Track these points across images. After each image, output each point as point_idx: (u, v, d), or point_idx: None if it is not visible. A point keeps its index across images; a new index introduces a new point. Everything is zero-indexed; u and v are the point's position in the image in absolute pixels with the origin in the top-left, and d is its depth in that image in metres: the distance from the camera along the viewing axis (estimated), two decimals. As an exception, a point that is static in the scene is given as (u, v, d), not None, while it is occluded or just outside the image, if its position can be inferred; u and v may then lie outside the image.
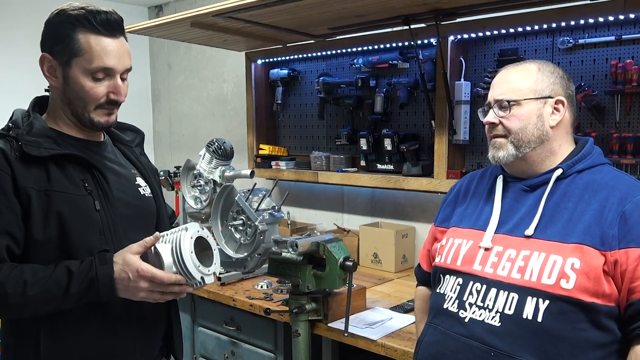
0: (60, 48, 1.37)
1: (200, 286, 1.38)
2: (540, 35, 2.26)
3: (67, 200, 1.35)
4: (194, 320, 2.62)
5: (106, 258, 1.33)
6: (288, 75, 3.10)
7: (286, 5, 2.15)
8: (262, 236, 1.90)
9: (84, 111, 1.41)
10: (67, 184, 1.36)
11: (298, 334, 1.97)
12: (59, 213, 1.33)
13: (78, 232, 1.35)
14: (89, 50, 1.36)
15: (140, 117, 4.21)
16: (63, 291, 1.29)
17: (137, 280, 1.31)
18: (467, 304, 1.43)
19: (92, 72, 1.37)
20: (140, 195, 1.54)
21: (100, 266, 1.31)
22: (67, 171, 1.38)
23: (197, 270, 1.34)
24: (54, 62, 1.39)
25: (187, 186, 2.61)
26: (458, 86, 2.40)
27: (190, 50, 3.89)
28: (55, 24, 1.38)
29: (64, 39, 1.36)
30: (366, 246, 2.79)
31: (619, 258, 1.28)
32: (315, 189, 3.19)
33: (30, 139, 1.35)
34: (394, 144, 2.64)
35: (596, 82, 2.14)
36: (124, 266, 1.31)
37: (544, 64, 1.49)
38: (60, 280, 1.29)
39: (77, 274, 1.30)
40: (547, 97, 1.44)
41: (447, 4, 2.15)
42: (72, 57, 1.36)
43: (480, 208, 1.55)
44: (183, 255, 1.32)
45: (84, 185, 1.39)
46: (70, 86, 1.39)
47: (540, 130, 1.44)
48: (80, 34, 1.36)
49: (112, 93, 1.41)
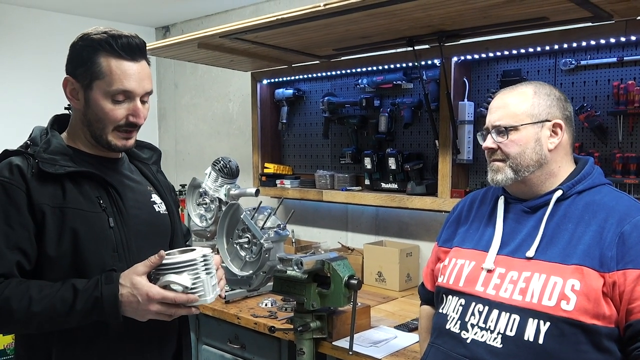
0: (83, 71, 1.40)
1: (200, 287, 1.37)
2: (542, 57, 2.29)
3: (81, 217, 1.37)
4: (198, 338, 2.61)
5: (112, 277, 1.33)
6: (293, 95, 3.14)
7: (291, 27, 2.18)
8: (268, 254, 1.90)
9: (102, 133, 1.43)
10: (82, 201, 1.39)
11: (302, 352, 1.97)
12: (73, 229, 1.35)
13: (91, 248, 1.37)
14: (109, 73, 1.39)
15: (147, 135, 4.18)
16: (68, 309, 1.29)
17: (147, 304, 1.31)
18: (469, 324, 1.43)
19: (112, 94, 1.40)
20: (155, 212, 1.55)
21: (106, 285, 1.31)
22: (82, 188, 1.40)
23: (211, 289, 1.36)
24: (76, 84, 1.42)
25: (192, 204, 2.63)
26: (462, 106, 2.42)
27: (196, 70, 3.94)
28: (79, 48, 1.41)
29: (86, 62, 1.39)
30: (370, 265, 2.79)
31: (617, 279, 1.28)
32: (320, 207, 3.21)
33: (47, 156, 1.38)
34: (398, 163, 2.66)
35: (598, 103, 2.16)
36: (133, 289, 1.31)
37: (540, 86, 1.49)
38: (66, 297, 1.30)
39: (83, 292, 1.30)
40: (544, 121, 1.45)
41: (450, 26, 2.18)
42: (93, 80, 1.39)
43: (483, 229, 1.55)
44: (201, 276, 1.34)
45: (99, 202, 1.41)
46: (91, 108, 1.41)
47: (539, 154, 1.44)
48: (102, 57, 1.39)
49: (132, 115, 1.43)
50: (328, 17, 2.03)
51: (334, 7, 1.91)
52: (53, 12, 3.65)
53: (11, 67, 3.52)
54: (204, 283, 1.35)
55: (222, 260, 2.01)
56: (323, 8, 1.93)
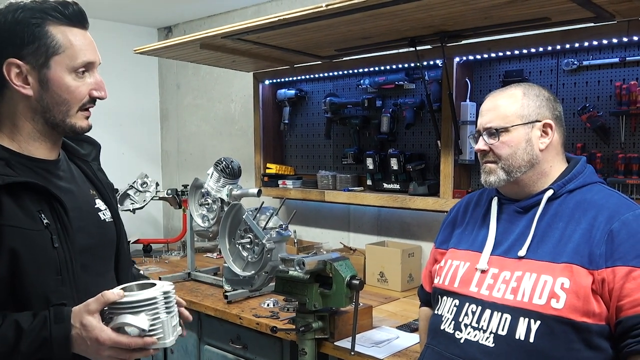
0: (33, 49, 1.20)
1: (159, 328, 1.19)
2: (544, 57, 2.29)
3: (21, 236, 1.17)
4: (200, 339, 2.62)
5: (63, 315, 1.15)
6: (295, 95, 3.14)
7: (293, 27, 2.19)
8: (270, 254, 1.91)
9: (65, 117, 1.25)
10: (22, 217, 1.18)
11: (304, 352, 1.98)
12: (12, 250, 1.15)
13: (32, 272, 1.18)
14: (70, 45, 1.22)
15: (149, 136, 4.25)
16: (10, 350, 1.12)
17: (97, 349, 1.14)
18: (462, 325, 1.44)
19: (76, 68, 1.24)
20: (100, 222, 1.37)
21: (56, 325, 1.14)
22: (21, 201, 1.19)
23: (172, 330, 1.20)
24: (24, 66, 1.21)
25: (194, 204, 2.64)
26: (464, 107, 2.42)
27: (198, 70, 3.94)
28: (19, 22, 1.19)
29: (38, 38, 1.20)
30: (372, 265, 2.79)
31: (606, 277, 1.29)
32: (322, 207, 3.21)
33: None
34: (400, 164, 2.66)
35: (601, 103, 2.16)
36: (82, 331, 1.14)
37: (529, 87, 1.51)
38: (8, 337, 1.12)
39: (29, 332, 1.12)
40: (534, 122, 1.47)
41: (452, 27, 2.18)
42: (50, 57, 1.21)
43: (477, 230, 1.57)
44: (160, 317, 1.18)
45: (41, 217, 1.20)
46: (51, 90, 1.23)
47: (530, 154, 1.46)
48: (54, 29, 1.21)
49: (95, 90, 1.27)
50: (330, 17, 2.03)
51: (335, 8, 1.91)
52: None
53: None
54: (163, 324, 1.18)
55: (225, 260, 2.01)
56: (325, 9, 1.93)
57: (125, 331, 1.16)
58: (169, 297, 1.21)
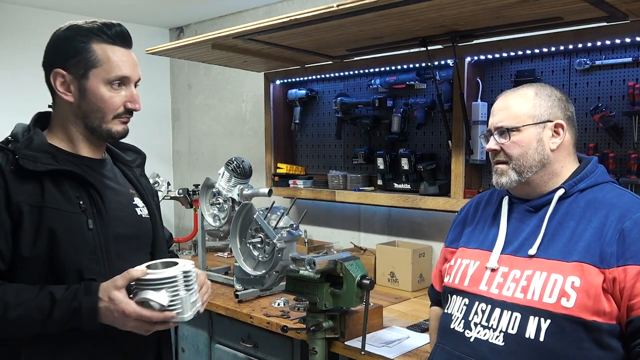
0: (76, 61, 1.37)
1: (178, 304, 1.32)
2: (557, 57, 2.28)
3: (59, 217, 1.32)
4: (211, 337, 2.63)
5: (91, 288, 1.29)
6: (306, 95, 3.14)
7: (304, 27, 2.19)
8: (280, 254, 1.91)
9: (101, 123, 1.41)
10: (61, 201, 1.34)
11: (315, 351, 1.98)
12: (51, 230, 1.31)
13: (68, 250, 1.32)
14: (107, 60, 1.38)
15: (160, 135, 4.28)
16: (44, 317, 1.26)
17: (123, 319, 1.28)
18: (472, 323, 1.45)
19: (111, 81, 1.39)
20: (137, 216, 1.51)
21: (85, 296, 1.27)
22: (62, 188, 1.35)
23: (190, 306, 1.31)
24: (67, 76, 1.38)
25: (206, 204, 2.65)
26: (475, 107, 2.41)
27: (210, 70, 3.96)
28: (68, 38, 1.38)
29: (80, 52, 1.37)
30: (383, 265, 2.79)
31: (618, 275, 1.29)
32: (333, 207, 3.21)
33: (28, 152, 1.33)
34: (411, 164, 2.66)
35: (613, 103, 2.14)
36: (110, 304, 1.27)
37: (541, 87, 1.51)
38: (43, 306, 1.26)
39: (61, 302, 1.26)
40: (545, 122, 1.46)
41: (463, 26, 2.18)
42: (89, 69, 1.37)
43: (487, 229, 1.57)
44: (180, 294, 1.29)
45: (79, 202, 1.36)
46: (87, 99, 1.39)
47: (541, 154, 1.46)
48: (96, 45, 1.38)
49: (129, 102, 1.43)
50: (341, 17, 2.03)
51: (346, 8, 1.91)
52: (66, 13, 3.66)
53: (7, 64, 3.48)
54: (182, 301, 1.31)
55: (236, 259, 2.03)
56: (336, 9, 1.94)
57: (149, 305, 1.28)
58: (189, 276, 1.33)
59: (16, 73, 3.45)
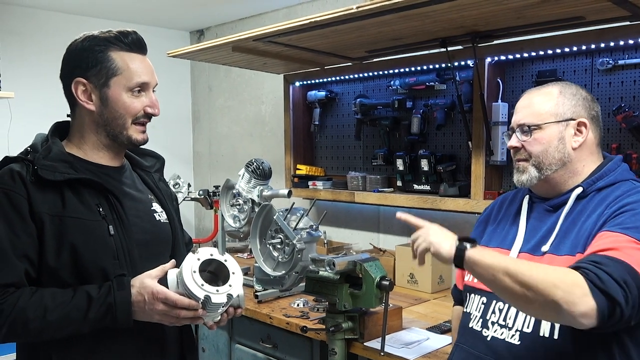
0: (96, 71, 1.40)
1: (212, 309, 1.34)
2: (579, 57, 2.25)
3: (80, 226, 1.35)
4: (231, 338, 2.65)
5: (124, 283, 1.33)
6: (325, 97, 3.15)
7: (324, 29, 2.20)
8: (300, 255, 1.92)
9: (122, 129, 1.44)
10: (82, 209, 1.37)
11: (334, 352, 1.98)
12: (73, 240, 1.34)
13: (91, 257, 1.36)
14: (126, 68, 1.41)
15: (181, 137, 4.32)
16: (82, 317, 1.30)
17: (152, 303, 1.31)
18: (489, 322, 1.45)
19: (132, 88, 1.42)
20: (155, 221, 1.54)
21: (119, 291, 1.32)
22: (82, 196, 1.38)
23: (199, 289, 1.30)
24: (89, 85, 1.41)
25: (226, 205, 2.67)
26: (495, 107, 2.40)
27: (230, 73, 3.99)
28: (86, 49, 1.41)
29: (100, 61, 1.40)
30: (402, 266, 2.79)
31: None
32: (352, 208, 3.21)
33: (46, 163, 1.35)
34: (430, 165, 2.65)
35: (637, 103, 2.11)
36: (140, 289, 1.32)
37: (566, 86, 1.50)
38: (80, 305, 1.30)
39: (97, 300, 1.31)
40: (568, 120, 1.45)
41: (484, 27, 2.17)
42: (110, 77, 1.41)
43: (508, 228, 1.58)
44: (184, 273, 1.30)
45: (99, 210, 1.39)
46: (110, 106, 1.42)
47: (562, 152, 1.45)
48: (115, 54, 1.41)
49: (149, 107, 1.46)
50: (360, 19, 2.04)
51: (366, 10, 1.92)
52: (89, 17, 3.72)
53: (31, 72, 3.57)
54: (213, 310, 1.34)
55: (256, 260, 2.04)
56: (356, 10, 1.94)
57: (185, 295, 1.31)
58: (230, 302, 1.36)
59: (44, 76, 3.49)
